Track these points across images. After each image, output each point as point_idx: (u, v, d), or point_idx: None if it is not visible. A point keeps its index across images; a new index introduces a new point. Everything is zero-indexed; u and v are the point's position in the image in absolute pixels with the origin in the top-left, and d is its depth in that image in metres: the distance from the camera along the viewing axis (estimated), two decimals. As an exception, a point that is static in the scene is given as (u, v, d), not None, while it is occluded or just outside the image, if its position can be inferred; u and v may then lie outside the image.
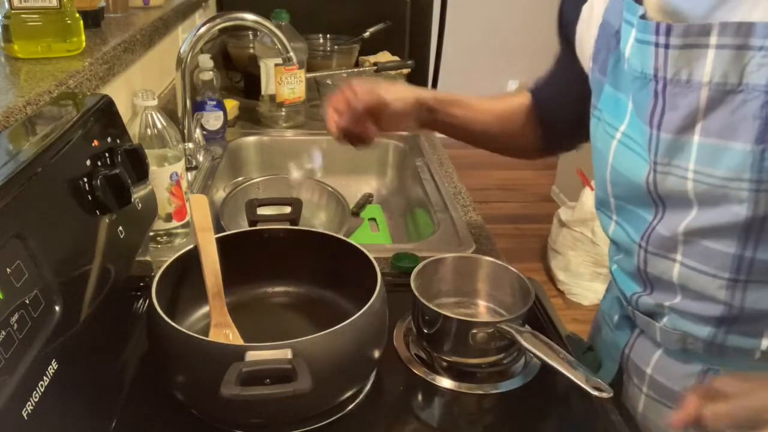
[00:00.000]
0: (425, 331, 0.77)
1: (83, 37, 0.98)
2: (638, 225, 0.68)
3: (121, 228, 0.72)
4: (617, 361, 0.80)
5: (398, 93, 0.87)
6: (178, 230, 0.99)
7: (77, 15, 0.97)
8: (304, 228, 0.84)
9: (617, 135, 0.67)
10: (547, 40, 3.98)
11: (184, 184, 0.99)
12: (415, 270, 0.80)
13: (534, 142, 0.94)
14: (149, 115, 0.95)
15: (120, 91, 1.12)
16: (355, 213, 1.35)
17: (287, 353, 0.59)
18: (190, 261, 0.75)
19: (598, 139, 0.72)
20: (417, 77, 2.13)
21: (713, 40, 0.56)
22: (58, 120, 0.69)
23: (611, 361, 0.81)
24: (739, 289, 0.63)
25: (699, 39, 0.56)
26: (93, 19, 1.14)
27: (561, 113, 0.88)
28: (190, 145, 1.29)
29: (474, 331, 0.73)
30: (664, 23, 0.58)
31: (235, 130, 1.51)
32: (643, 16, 0.60)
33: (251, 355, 0.58)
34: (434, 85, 2.40)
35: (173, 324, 0.63)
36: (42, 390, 0.50)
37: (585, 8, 0.74)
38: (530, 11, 3.91)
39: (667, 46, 0.58)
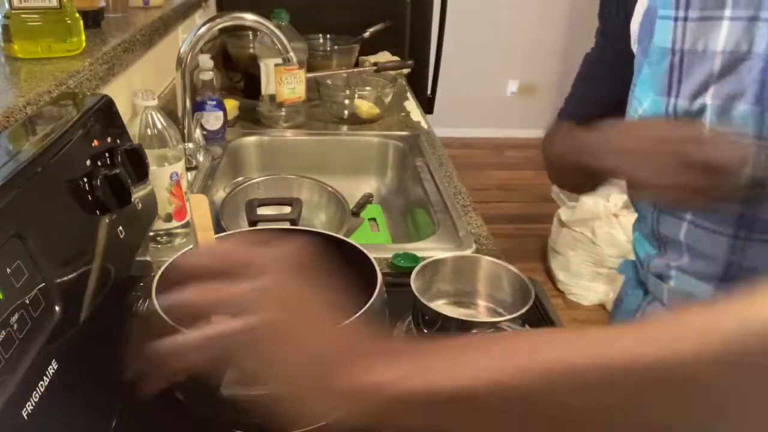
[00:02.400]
0: (425, 331, 0.77)
1: (83, 37, 0.98)
2: None
3: (121, 228, 0.72)
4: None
5: None
6: (178, 230, 0.99)
7: (77, 15, 0.97)
8: (304, 228, 0.84)
9: (640, 110, 0.72)
10: (547, 40, 3.98)
11: (184, 184, 0.99)
12: (415, 270, 0.80)
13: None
14: (149, 115, 0.95)
15: (120, 91, 1.12)
16: (355, 213, 1.35)
17: (287, 353, 0.58)
18: (190, 261, 0.75)
19: (629, 114, 0.76)
20: (417, 77, 2.13)
21: (728, 12, 0.63)
22: (58, 120, 0.69)
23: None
24: (738, 247, 0.67)
25: (715, 12, 0.63)
26: (93, 19, 1.14)
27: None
28: (190, 145, 1.29)
29: (474, 331, 0.73)
30: None
31: (235, 130, 1.51)
32: None
33: (251, 355, 0.58)
34: (434, 85, 2.41)
35: (173, 324, 0.63)
36: (42, 390, 0.50)
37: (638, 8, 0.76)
38: (530, 11, 3.91)
39: (686, 19, 0.65)
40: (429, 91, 2.39)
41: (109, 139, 0.74)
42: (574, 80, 0.91)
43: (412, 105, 1.77)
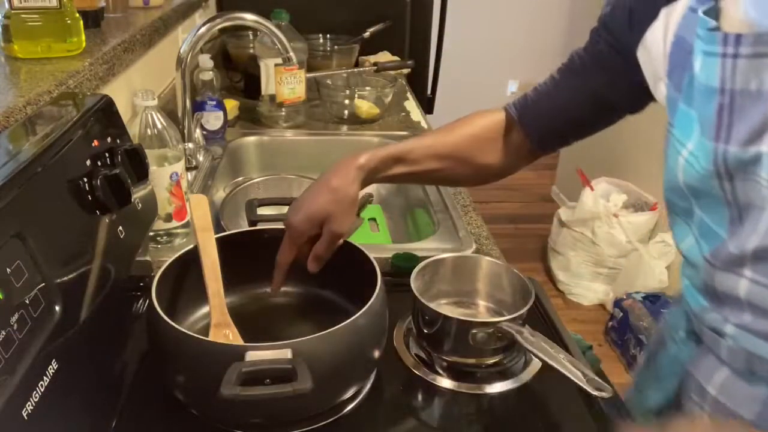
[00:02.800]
0: (425, 331, 0.77)
1: (83, 37, 0.98)
2: (711, 239, 0.66)
3: (121, 228, 0.72)
4: (679, 376, 0.77)
5: (339, 206, 0.78)
6: (178, 230, 0.99)
7: (77, 15, 0.97)
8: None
9: (684, 152, 0.65)
10: (547, 40, 3.99)
11: (184, 184, 0.99)
12: (415, 270, 0.80)
13: (513, 153, 0.90)
14: (149, 115, 0.95)
15: (120, 91, 1.12)
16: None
17: (287, 353, 0.59)
18: (190, 261, 0.75)
19: (669, 156, 0.69)
20: (417, 77, 2.13)
21: None
22: (58, 120, 0.69)
23: (673, 376, 0.78)
24: None
25: None
26: (93, 19, 1.14)
27: (552, 128, 0.86)
28: (190, 145, 1.29)
29: (474, 331, 0.73)
30: (733, 33, 0.56)
31: (235, 130, 1.51)
32: (713, 29, 0.59)
33: (251, 355, 0.58)
34: (434, 85, 2.41)
35: (173, 324, 0.63)
36: (42, 390, 0.50)
37: (658, 25, 0.70)
38: (531, 11, 3.91)
39: (735, 56, 0.57)
40: (429, 91, 2.39)
41: (109, 139, 0.74)
42: (552, 75, 0.86)
43: (412, 105, 1.77)
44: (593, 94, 0.81)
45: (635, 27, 0.72)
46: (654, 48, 0.71)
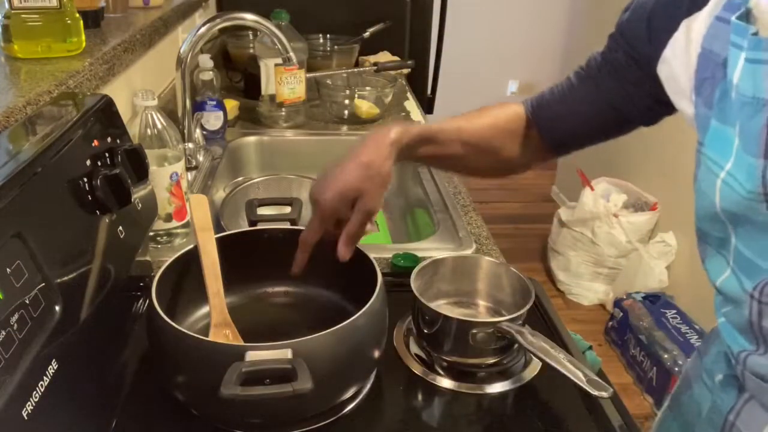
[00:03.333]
0: (425, 331, 0.77)
1: (83, 37, 0.98)
2: (753, 272, 0.59)
3: (121, 228, 0.72)
4: (718, 426, 0.69)
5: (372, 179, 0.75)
6: (178, 230, 0.99)
7: (77, 15, 0.97)
8: (304, 228, 0.84)
9: (722, 174, 0.59)
10: (547, 40, 4.00)
11: (184, 184, 0.99)
12: (415, 270, 0.80)
13: (528, 151, 0.87)
14: (149, 115, 0.95)
15: (120, 91, 1.12)
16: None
17: (287, 353, 0.59)
18: (190, 261, 0.75)
19: (702, 179, 0.63)
20: (417, 77, 2.13)
21: None
22: (58, 120, 0.69)
23: (709, 426, 0.71)
24: None
25: None
26: (93, 19, 1.14)
27: (565, 132, 0.84)
28: (190, 145, 1.29)
29: (474, 331, 0.73)
30: None
31: (235, 130, 1.51)
32: (755, 34, 0.54)
33: (251, 355, 0.58)
34: (434, 85, 2.40)
35: (173, 324, 0.63)
36: (42, 390, 0.50)
37: (679, 38, 0.66)
38: (531, 11, 3.91)
39: None
40: (429, 91, 2.39)
41: (109, 139, 0.74)
42: (570, 78, 0.83)
43: (412, 105, 1.77)
44: (609, 104, 0.78)
45: (654, 38, 0.68)
46: (676, 63, 0.66)
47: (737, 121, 0.57)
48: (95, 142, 0.70)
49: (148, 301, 0.67)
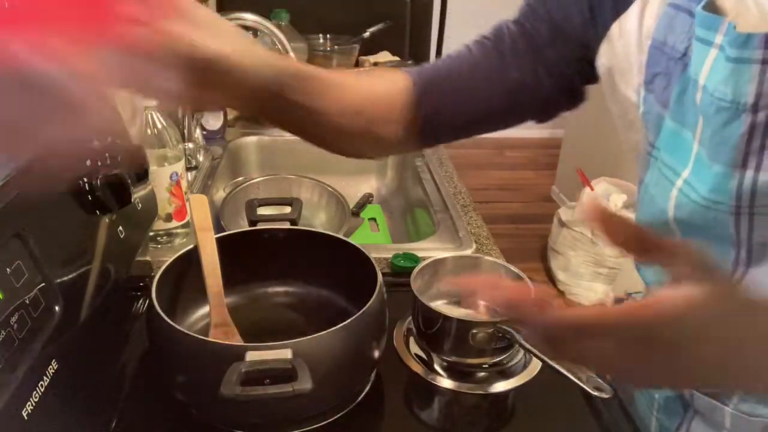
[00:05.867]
0: (425, 331, 0.77)
1: (83, 37, 0.98)
2: None
3: (121, 228, 0.72)
4: None
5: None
6: (178, 230, 0.99)
7: (77, 15, 0.97)
8: (304, 228, 0.84)
9: (678, 182, 0.54)
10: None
11: (184, 184, 0.99)
12: (415, 270, 0.80)
13: (405, 131, 0.69)
14: (149, 115, 0.95)
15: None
16: (355, 213, 1.35)
17: (287, 353, 0.59)
18: (190, 261, 0.75)
19: (652, 184, 0.57)
20: (417, 77, 2.13)
21: None
22: (58, 120, 0.68)
23: None
24: None
25: None
26: (93, 19, 1.14)
27: (453, 115, 0.69)
28: (190, 145, 1.29)
29: (474, 331, 0.73)
30: None
31: (235, 130, 1.51)
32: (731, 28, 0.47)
33: (251, 355, 0.58)
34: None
35: (173, 324, 0.63)
36: (42, 390, 0.50)
37: (631, 17, 0.57)
38: (530, 11, 3.91)
39: None
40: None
41: (109, 139, 0.74)
42: (470, 48, 0.68)
43: (412, 105, 1.76)
44: (519, 84, 0.65)
45: (598, 16, 0.59)
46: (621, 45, 0.58)
47: (700, 126, 0.51)
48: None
49: (148, 301, 0.67)
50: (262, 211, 0.95)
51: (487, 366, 0.76)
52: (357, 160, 1.01)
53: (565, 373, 0.66)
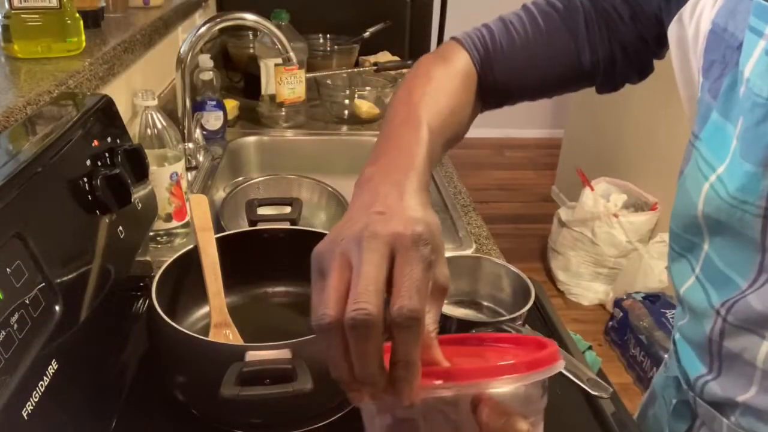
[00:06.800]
0: (425, 331, 0.77)
1: (83, 37, 0.98)
2: (724, 286, 0.53)
3: (121, 228, 0.72)
4: None
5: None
6: (178, 230, 0.99)
7: (77, 15, 0.97)
8: (304, 228, 0.84)
9: (712, 177, 0.51)
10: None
11: (184, 184, 0.99)
12: (415, 270, 0.80)
13: (475, 110, 0.71)
14: (149, 115, 0.95)
15: (120, 91, 1.12)
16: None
17: (287, 353, 0.59)
18: (190, 261, 0.75)
19: (689, 176, 0.55)
20: (417, 77, 2.13)
21: None
22: (58, 120, 0.69)
23: None
24: None
25: None
26: (93, 19, 1.14)
27: (516, 83, 0.68)
28: (190, 145, 1.29)
29: (474, 331, 0.73)
30: None
31: (235, 130, 1.51)
32: None
33: (251, 355, 0.58)
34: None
35: (173, 324, 0.63)
36: (42, 390, 0.50)
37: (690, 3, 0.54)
38: (530, 11, 3.91)
39: None
40: (429, 91, 2.39)
41: (109, 139, 0.74)
42: (535, 16, 0.66)
43: (412, 105, 1.76)
44: (592, 64, 0.64)
45: None
46: (693, 25, 0.54)
47: (740, 121, 0.48)
48: (95, 142, 0.70)
49: (148, 301, 0.67)
50: (262, 211, 0.95)
51: (487, 366, 0.76)
52: (356, 161, 1.03)
53: (565, 373, 0.66)
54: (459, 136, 0.66)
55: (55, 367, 0.53)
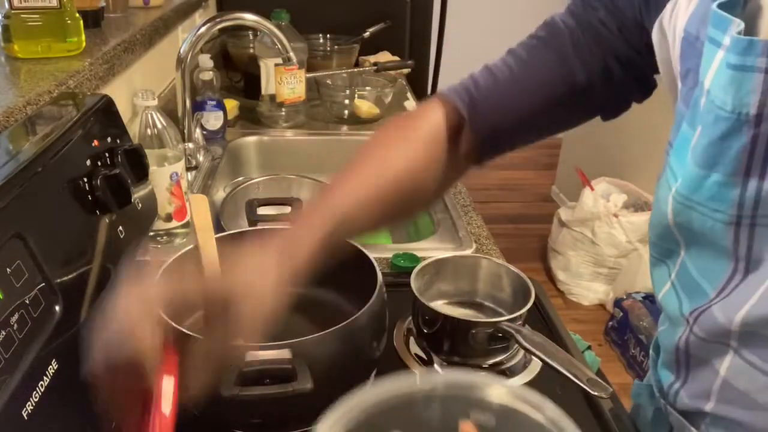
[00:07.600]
0: (425, 331, 0.77)
1: (83, 37, 0.98)
2: (694, 294, 0.53)
3: (121, 228, 0.72)
4: None
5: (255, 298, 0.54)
6: (178, 230, 0.99)
7: (77, 15, 0.97)
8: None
9: (674, 187, 0.51)
10: (547, 40, 3.83)
11: (184, 184, 0.99)
12: (415, 270, 0.80)
13: (449, 170, 0.69)
14: (149, 115, 0.95)
15: (120, 91, 1.12)
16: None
17: (287, 353, 0.59)
18: (190, 261, 0.75)
19: (662, 185, 0.55)
20: (417, 77, 2.13)
21: None
22: (58, 120, 0.69)
23: None
24: None
25: None
26: (93, 19, 1.14)
27: (513, 124, 0.67)
28: (190, 145, 1.29)
29: (474, 331, 0.73)
30: None
31: (235, 130, 1.51)
32: (740, 33, 0.43)
33: (251, 355, 0.58)
34: (434, 85, 2.40)
35: (173, 324, 0.63)
36: (42, 390, 0.50)
37: (681, 2, 0.53)
38: (530, 11, 3.91)
39: None
40: (429, 91, 2.39)
41: (109, 139, 0.74)
42: (517, 53, 0.65)
43: (412, 105, 1.77)
44: (588, 83, 0.62)
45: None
46: (671, 30, 0.53)
47: (698, 131, 0.48)
48: (95, 142, 0.70)
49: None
50: (262, 211, 0.95)
51: (486, 366, 0.76)
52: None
53: (565, 373, 0.66)
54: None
55: (55, 367, 0.53)
